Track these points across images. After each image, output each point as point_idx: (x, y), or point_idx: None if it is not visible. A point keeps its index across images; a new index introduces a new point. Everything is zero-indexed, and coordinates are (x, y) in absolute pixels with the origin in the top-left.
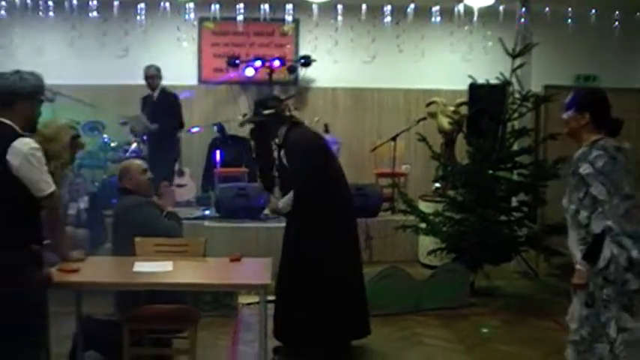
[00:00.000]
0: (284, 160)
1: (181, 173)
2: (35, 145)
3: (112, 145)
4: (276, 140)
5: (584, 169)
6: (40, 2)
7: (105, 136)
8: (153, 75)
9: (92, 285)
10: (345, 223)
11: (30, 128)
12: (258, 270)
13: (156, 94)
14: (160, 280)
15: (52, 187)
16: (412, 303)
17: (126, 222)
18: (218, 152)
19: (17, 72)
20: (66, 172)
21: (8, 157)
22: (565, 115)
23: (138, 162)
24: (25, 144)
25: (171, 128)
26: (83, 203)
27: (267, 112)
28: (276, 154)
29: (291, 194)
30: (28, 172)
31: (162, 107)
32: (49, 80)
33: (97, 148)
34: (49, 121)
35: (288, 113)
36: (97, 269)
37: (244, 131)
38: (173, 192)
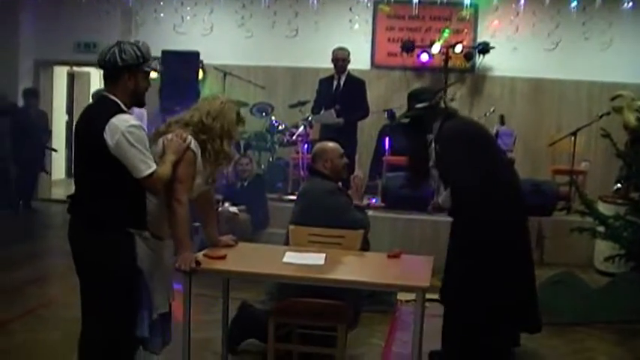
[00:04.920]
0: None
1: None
2: (135, 122)
3: (280, 127)
4: (431, 135)
5: None
6: None
7: (273, 118)
8: (344, 58)
9: (236, 274)
10: (513, 219)
11: (137, 103)
12: (417, 269)
13: (342, 78)
14: (309, 274)
15: (152, 168)
16: (584, 313)
17: (317, 206)
18: (387, 139)
19: (118, 43)
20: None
21: (105, 134)
22: None
23: (333, 145)
24: (123, 121)
25: (358, 117)
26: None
27: (420, 105)
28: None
29: (449, 190)
30: (125, 150)
31: (347, 93)
32: (219, 60)
33: (265, 130)
34: (209, 96)
35: (443, 105)
36: (244, 257)
37: None
38: (363, 185)
